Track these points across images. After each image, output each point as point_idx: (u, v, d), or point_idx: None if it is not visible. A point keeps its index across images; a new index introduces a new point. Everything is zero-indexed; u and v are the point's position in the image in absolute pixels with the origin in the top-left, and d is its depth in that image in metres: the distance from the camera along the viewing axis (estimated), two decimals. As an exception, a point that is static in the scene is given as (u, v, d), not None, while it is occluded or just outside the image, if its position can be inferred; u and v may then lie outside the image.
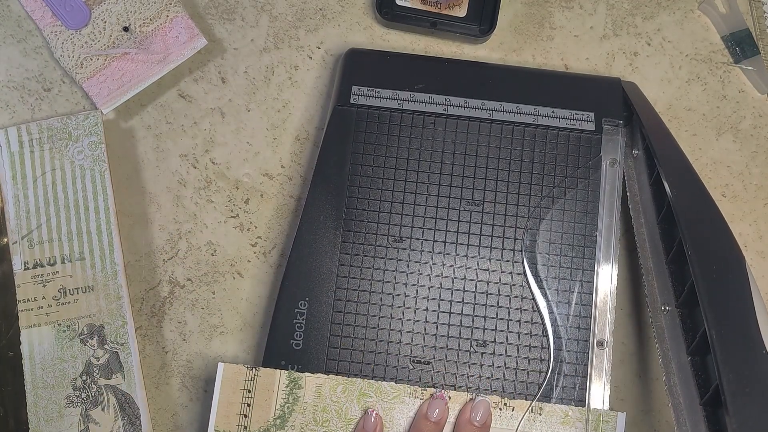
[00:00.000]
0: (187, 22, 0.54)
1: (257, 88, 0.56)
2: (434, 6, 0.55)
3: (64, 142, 0.51)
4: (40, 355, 0.50)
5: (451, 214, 0.51)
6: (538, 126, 0.52)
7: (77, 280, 0.51)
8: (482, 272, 0.50)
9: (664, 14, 0.57)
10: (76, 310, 0.50)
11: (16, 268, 0.50)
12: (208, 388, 0.53)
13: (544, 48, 0.57)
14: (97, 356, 0.50)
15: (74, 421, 0.49)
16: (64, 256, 0.51)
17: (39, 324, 0.50)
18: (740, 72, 0.57)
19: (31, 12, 0.54)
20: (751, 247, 0.55)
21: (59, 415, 0.49)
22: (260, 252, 0.55)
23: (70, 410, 0.49)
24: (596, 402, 0.48)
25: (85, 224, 0.51)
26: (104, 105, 0.54)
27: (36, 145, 0.52)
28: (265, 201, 0.55)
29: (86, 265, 0.51)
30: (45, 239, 0.51)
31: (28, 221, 0.51)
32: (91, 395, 0.49)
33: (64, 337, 0.50)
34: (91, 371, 0.50)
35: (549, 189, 0.52)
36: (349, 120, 0.52)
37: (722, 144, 0.56)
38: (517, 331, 0.50)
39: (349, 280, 0.50)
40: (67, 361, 0.50)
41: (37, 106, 0.55)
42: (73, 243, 0.51)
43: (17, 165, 0.51)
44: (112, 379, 0.50)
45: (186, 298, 0.54)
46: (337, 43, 0.57)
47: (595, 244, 0.51)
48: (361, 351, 0.49)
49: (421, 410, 0.47)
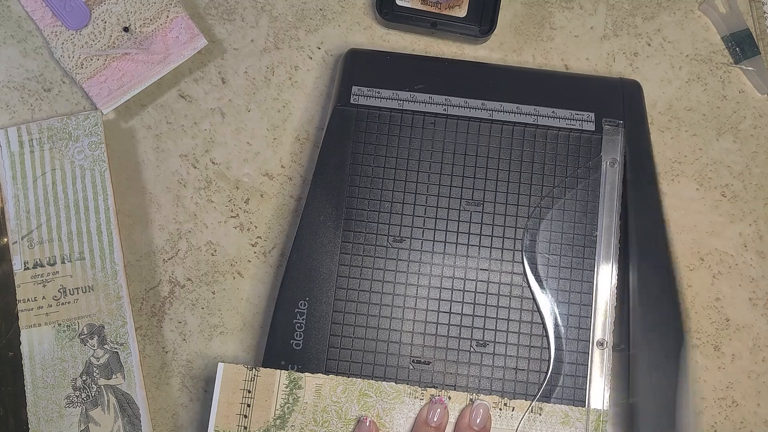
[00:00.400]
0: (187, 23, 0.54)
1: (257, 89, 0.56)
2: (434, 6, 0.55)
3: (65, 142, 0.51)
4: (40, 355, 0.50)
5: (452, 214, 0.51)
6: (538, 126, 0.52)
7: (77, 280, 0.51)
8: (482, 272, 0.50)
9: (665, 14, 0.57)
10: (76, 310, 0.50)
11: (16, 268, 0.50)
12: (208, 388, 0.53)
13: (544, 48, 0.57)
14: (97, 356, 0.50)
15: (74, 421, 0.49)
16: (64, 256, 0.51)
17: (39, 324, 0.50)
18: (740, 72, 0.57)
19: (31, 12, 0.54)
20: (751, 247, 0.55)
21: (59, 415, 0.49)
22: (260, 252, 0.55)
23: (70, 410, 0.49)
24: (596, 402, 0.48)
25: (85, 224, 0.51)
26: (104, 105, 0.54)
27: (36, 145, 0.52)
28: (265, 201, 0.55)
29: (86, 265, 0.51)
30: (45, 239, 0.51)
31: (28, 221, 0.51)
32: (91, 395, 0.49)
33: (64, 337, 0.50)
34: (91, 371, 0.50)
35: (549, 189, 0.52)
36: (349, 120, 0.52)
37: (722, 144, 0.56)
38: (517, 331, 0.50)
39: (349, 280, 0.50)
40: (67, 361, 0.50)
41: (38, 106, 0.55)
42: (73, 243, 0.51)
43: (17, 165, 0.51)
44: (112, 379, 0.50)
45: (186, 298, 0.54)
46: (337, 44, 0.57)
47: (595, 244, 0.51)
48: (361, 351, 0.49)
49: (420, 415, 0.47)
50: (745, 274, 0.55)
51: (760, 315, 0.54)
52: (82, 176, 0.51)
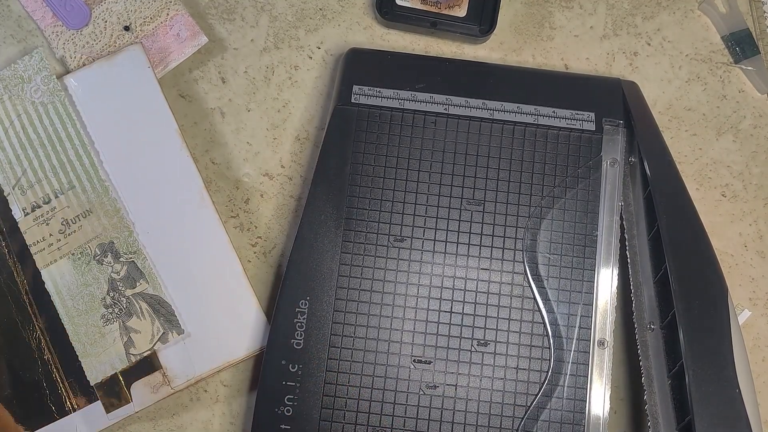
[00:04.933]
0: (187, 20, 0.54)
1: (257, 88, 0.56)
2: (434, 6, 0.55)
3: (20, 87, 0.52)
4: (65, 287, 0.51)
5: (452, 214, 0.51)
6: (538, 126, 0.52)
7: (74, 208, 0.52)
8: (483, 272, 0.50)
9: (664, 14, 0.57)
10: (84, 236, 0.52)
11: (17, 216, 0.52)
12: (208, 388, 0.53)
13: (544, 48, 0.57)
14: (116, 271, 0.52)
15: (116, 336, 0.51)
16: (55, 190, 0.52)
17: (54, 260, 0.52)
18: (740, 72, 0.57)
19: (31, 12, 0.54)
20: (751, 247, 0.55)
21: (101, 335, 0.51)
22: (260, 252, 0.55)
23: (108, 327, 0.51)
24: (596, 402, 0.48)
25: (63, 155, 0.52)
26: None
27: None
28: (265, 201, 0.55)
29: (78, 191, 0.52)
30: (33, 181, 0.52)
31: (12, 171, 0.52)
32: (123, 308, 0.51)
33: (81, 263, 0.52)
34: (115, 286, 0.51)
35: (549, 189, 0.52)
36: (350, 119, 0.52)
37: (722, 144, 0.56)
38: (517, 330, 0.50)
39: (350, 280, 0.50)
40: (90, 284, 0.51)
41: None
42: (60, 176, 0.52)
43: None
44: (137, 287, 0.51)
45: (186, 298, 0.54)
46: (337, 43, 0.57)
47: (596, 244, 0.51)
48: (362, 350, 0.49)
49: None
50: (745, 274, 0.55)
51: (760, 315, 0.55)
52: (46, 112, 0.52)
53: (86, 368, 0.51)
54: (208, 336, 0.51)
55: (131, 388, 0.51)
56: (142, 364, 0.51)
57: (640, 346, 0.50)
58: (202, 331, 0.51)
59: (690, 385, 0.46)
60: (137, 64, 0.52)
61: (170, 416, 0.53)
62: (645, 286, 0.51)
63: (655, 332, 0.50)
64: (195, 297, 0.52)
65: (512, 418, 0.49)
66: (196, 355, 0.51)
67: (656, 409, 0.48)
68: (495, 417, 0.49)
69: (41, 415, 0.51)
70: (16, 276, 0.52)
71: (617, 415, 0.53)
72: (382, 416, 0.49)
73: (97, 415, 0.51)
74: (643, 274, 0.51)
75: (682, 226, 0.50)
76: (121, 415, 0.50)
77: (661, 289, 0.50)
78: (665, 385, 0.49)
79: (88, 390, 0.51)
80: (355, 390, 0.49)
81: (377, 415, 0.49)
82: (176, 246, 0.52)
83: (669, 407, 0.48)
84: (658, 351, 0.50)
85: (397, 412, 0.49)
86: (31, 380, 0.51)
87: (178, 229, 0.52)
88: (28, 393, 0.51)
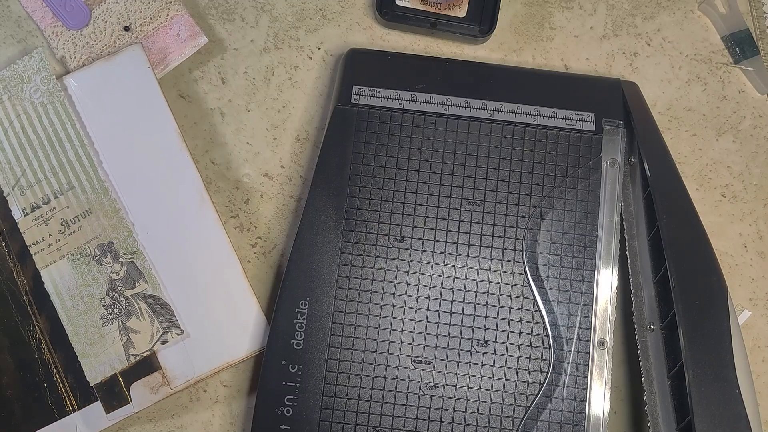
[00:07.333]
0: (187, 20, 0.54)
1: (257, 89, 0.56)
2: (434, 6, 0.55)
3: (19, 87, 0.52)
4: (65, 287, 0.51)
5: (452, 214, 0.51)
6: (538, 126, 0.52)
7: (74, 208, 0.52)
8: (483, 272, 0.50)
9: (664, 14, 0.57)
10: (83, 236, 0.52)
11: (16, 217, 0.52)
12: (208, 388, 0.53)
13: (544, 48, 0.57)
14: (115, 271, 0.52)
15: (115, 336, 0.51)
16: (55, 191, 0.52)
17: (54, 260, 0.52)
18: (740, 72, 0.57)
19: (31, 12, 0.54)
20: (751, 247, 0.55)
21: (100, 336, 0.51)
22: (260, 252, 0.55)
23: (108, 328, 0.51)
24: (596, 402, 0.48)
25: (63, 155, 0.52)
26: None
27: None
28: (265, 201, 0.55)
29: (77, 192, 0.52)
30: (33, 182, 0.52)
31: (12, 171, 0.52)
32: (122, 308, 0.51)
33: (80, 264, 0.51)
34: (115, 287, 0.51)
35: (549, 189, 0.52)
36: (350, 120, 0.52)
37: (722, 144, 0.56)
38: (517, 331, 0.50)
39: (350, 280, 0.50)
40: (90, 285, 0.51)
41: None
42: (59, 176, 0.52)
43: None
44: (136, 288, 0.51)
45: (186, 299, 0.54)
46: (337, 44, 0.57)
47: (596, 244, 0.51)
48: (362, 351, 0.49)
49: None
50: (745, 274, 0.55)
51: (760, 315, 0.55)
52: (45, 112, 0.52)
53: (86, 369, 0.51)
54: (208, 336, 0.51)
55: (131, 388, 0.51)
56: (141, 364, 0.51)
57: (640, 347, 0.50)
58: (202, 332, 0.51)
59: (690, 385, 0.46)
60: (137, 64, 0.52)
61: (170, 417, 0.53)
62: (645, 287, 0.51)
63: (655, 332, 0.50)
64: (194, 297, 0.51)
65: (512, 418, 0.49)
66: (196, 355, 0.51)
67: (656, 410, 0.48)
68: (495, 417, 0.49)
69: (41, 415, 0.51)
70: (16, 276, 0.52)
71: (617, 416, 0.53)
72: (382, 416, 0.49)
73: (96, 416, 0.51)
74: (643, 274, 0.51)
75: (682, 227, 0.50)
76: (120, 416, 0.50)
77: (661, 290, 0.50)
78: (665, 385, 0.49)
79: (87, 390, 0.51)
80: (355, 390, 0.49)
81: (377, 416, 0.49)
82: (176, 246, 0.52)
83: (669, 408, 0.48)
84: (658, 351, 0.50)
85: (397, 413, 0.49)
86: (31, 380, 0.51)
87: (177, 230, 0.52)
88: (28, 393, 0.51)
